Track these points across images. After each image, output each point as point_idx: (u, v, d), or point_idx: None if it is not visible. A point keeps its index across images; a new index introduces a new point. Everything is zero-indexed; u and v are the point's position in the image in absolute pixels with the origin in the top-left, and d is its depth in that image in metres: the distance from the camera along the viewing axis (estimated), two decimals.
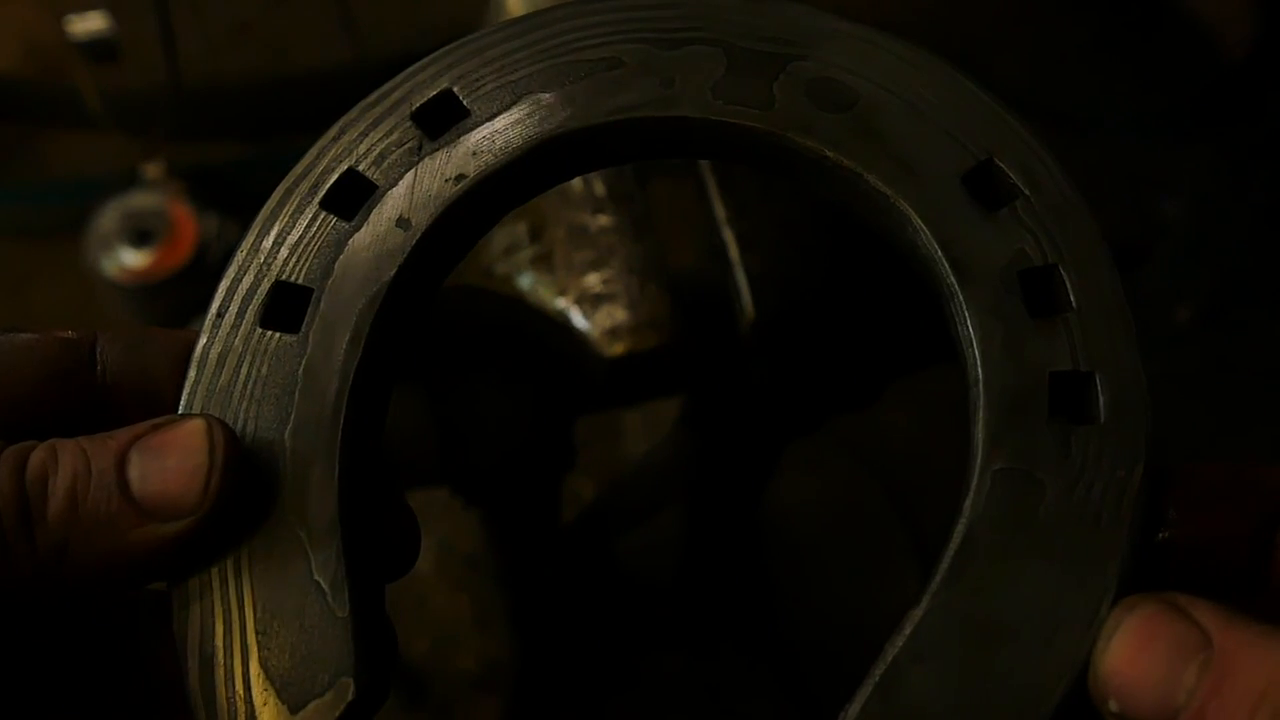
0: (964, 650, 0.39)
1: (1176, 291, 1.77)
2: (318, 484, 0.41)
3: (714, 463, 1.16)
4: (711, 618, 1.46)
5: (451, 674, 1.55)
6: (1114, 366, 0.41)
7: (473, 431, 0.91)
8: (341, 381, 0.42)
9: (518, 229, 0.86)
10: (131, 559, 0.39)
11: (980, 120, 0.44)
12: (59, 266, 1.64)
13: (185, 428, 0.40)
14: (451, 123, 0.45)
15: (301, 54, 1.83)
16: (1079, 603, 0.39)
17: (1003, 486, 0.40)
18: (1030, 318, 0.42)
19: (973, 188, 0.44)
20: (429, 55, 0.47)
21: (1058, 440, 0.41)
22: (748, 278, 0.87)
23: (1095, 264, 0.43)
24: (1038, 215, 0.43)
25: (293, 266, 0.44)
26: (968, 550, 0.40)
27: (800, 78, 0.45)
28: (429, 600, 1.60)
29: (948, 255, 0.43)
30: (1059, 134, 1.89)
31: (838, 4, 0.46)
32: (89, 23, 1.28)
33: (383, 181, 0.45)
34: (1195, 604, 0.37)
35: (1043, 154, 0.44)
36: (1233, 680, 0.35)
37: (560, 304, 0.84)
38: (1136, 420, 0.41)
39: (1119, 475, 0.40)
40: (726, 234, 0.90)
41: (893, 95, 0.44)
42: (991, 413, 0.41)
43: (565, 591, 1.40)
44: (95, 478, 0.38)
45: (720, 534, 1.32)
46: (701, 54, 0.45)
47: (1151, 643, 0.37)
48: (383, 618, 0.44)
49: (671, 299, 0.85)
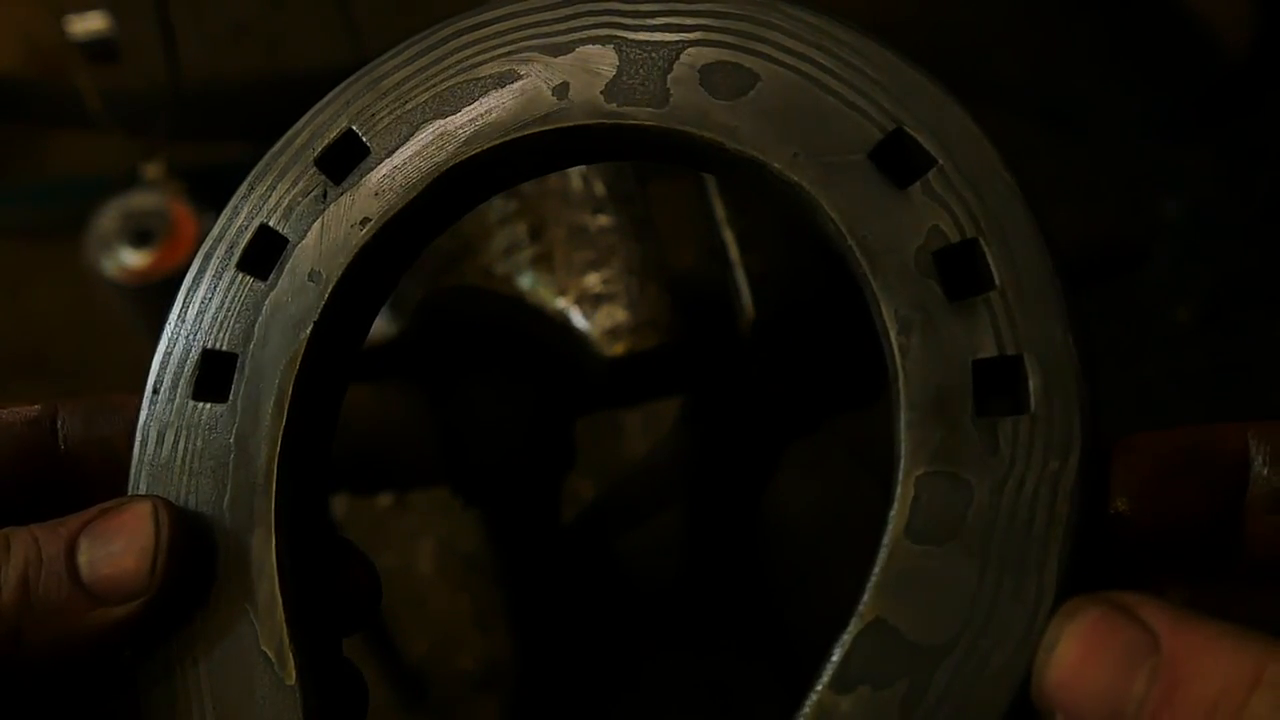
0: (896, 673, 0.36)
1: (1176, 291, 1.77)
2: (257, 554, 0.41)
3: (714, 463, 1.16)
4: (712, 617, 1.46)
5: (451, 674, 1.55)
6: (1044, 346, 0.38)
7: (473, 431, 0.91)
8: (270, 448, 0.42)
9: (518, 229, 0.86)
10: (85, 642, 0.40)
11: (889, 86, 0.41)
12: (59, 266, 1.64)
13: (131, 511, 0.41)
14: (354, 163, 0.44)
15: (301, 54, 1.83)
16: (1015, 612, 0.36)
17: (928, 492, 0.38)
18: (949, 302, 0.39)
19: (882, 163, 0.40)
20: (330, 93, 0.45)
21: (984, 435, 0.38)
22: (748, 278, 0.87)
23: (1018, 233, 0.39)
24: (952, 185, 0.40)
25: (217, 334, 0.44)
26: (894, 565, 0.37)
27: (694, 66, 0.42)
28: (429, 600, 1.60)
29: (857, 241, 0.40)
30: (1059, 134, 1.89)
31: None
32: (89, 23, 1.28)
33: (293, 235, 0.44)
34: (1143, 604, 0.34)
35: (958, 114, 0.40)
36: (1184, 689, 0.32)
37: (560, 304, 0.84)
38: (1068, 403, 0.37)
39: (1052, 467, 0.37)
40: (726, 234, 0.90)
41: (793, 72, 0.41)
42: (912, 412, 0.38)
43: (565, 591, 1.40)
44: (46, 565, 0.40)
45: (720, 534, 1.32)
46: (592, 55, 0.43)
47: (1097, 651, 0.34)
48: (345, 671, 0.45)
49: (671, 299, 0.85)
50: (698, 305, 0.89)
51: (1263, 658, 0.32)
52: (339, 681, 0.44)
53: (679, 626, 1.51)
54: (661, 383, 1.01)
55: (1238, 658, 0.32)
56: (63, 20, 1.29)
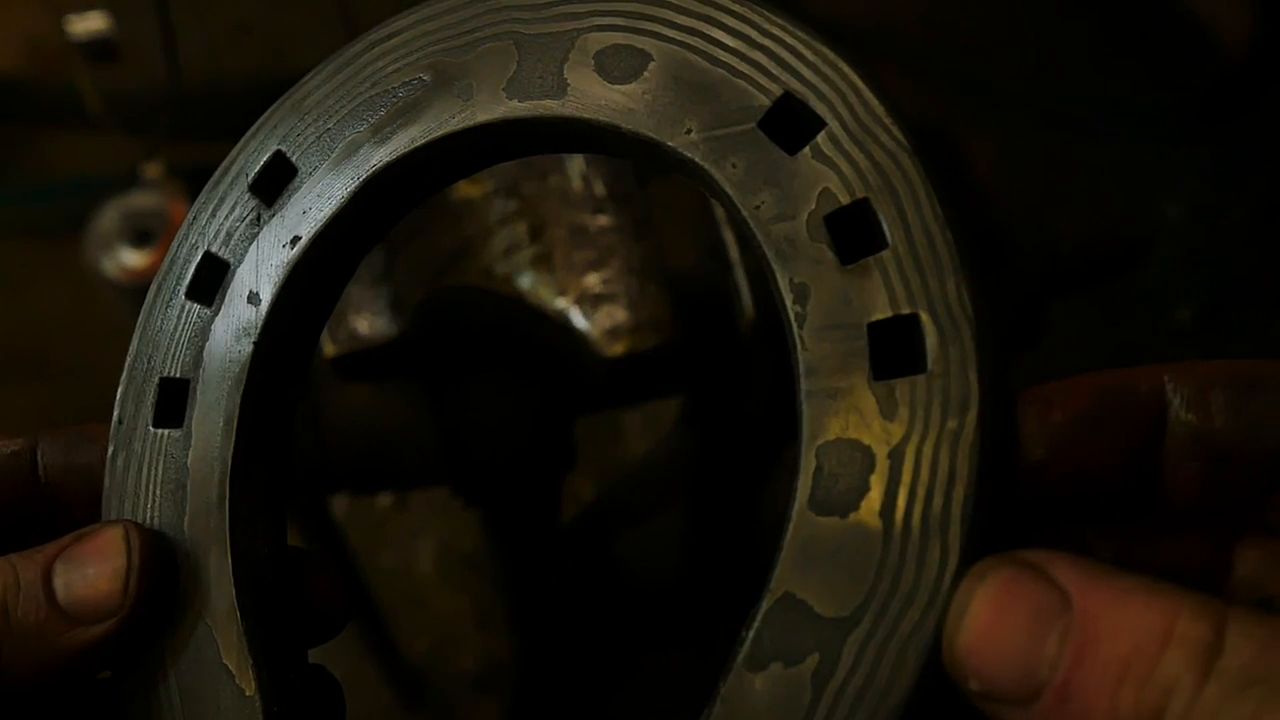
0: (807, 648, 0.36)
1: (1176, 291, 1.77)
2: (214, 571, 0.43)
3: (714, 463, 1.16)
4: (711, 617, 1.46)
5: (451, 674, 1.55)
6: (938, 303, 0.37)
7: (473, 431, 0.91)
8: (222, 467, 0.44)
9: (518, 229, 0.86)
10: (63, 662, 0.41)
11: (776, 51, 0.40)
12: (59, 266, 1.64)
13: (104, 536, 0.43)
14: (284, 185, 0.45)
15: (301, 54, 1.83)
16: (921, 577, 0.35)
17: (830, 461, 0.37)
18: (842, 265, 0.38)
19: (772, 130, 0.40)
20: (260, 117, 0.47)
21: (883, 399, 0.37)
22: (748, 278, 0.87)
23: (907, 190, 0.38)
24: (840, 146, 0.39)
25: (171, 362, 0.45)
26: (800, 537, 0.37)
27: (589, 52, 0.42)
28: (429, 600, 1.60)
29: (749, 212, 0.39)
30: (1059, 134, 1.89)
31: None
32: (89, 23, 1.28)
33: (232, 260, 0.45)
34: (1053, 561, 0.33)
35: (846, 72, 0.39)
36: (1096, 648, 0.32)
37: (560, 304, 0.85)
38: (965, 359, 0.36)
39: (950, 426, 0.36)
40: (726, 234, 0.90)
41: (683, 47, 0.41)
42: (810, 380, 0.38)
43: (565, 591, 1.40)
44: (24, 590, 0.41)
45: (720, 534, 1.32)
46: (493, 52, 0.44)
47: (1007, 612, 0.33)
48: (317, 679, 0.46)
49: (671, 299, 0.85)
50: (698, 305, 0.89)
51: (1173, 612, 0.32)
52: (308, 690, 0.45)
53: (679, 626, 1.51)
54: (661, 383, 1.01)
55: (1148, 614, 0.32)
56: (63, 20, 1.29)
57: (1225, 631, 0.31)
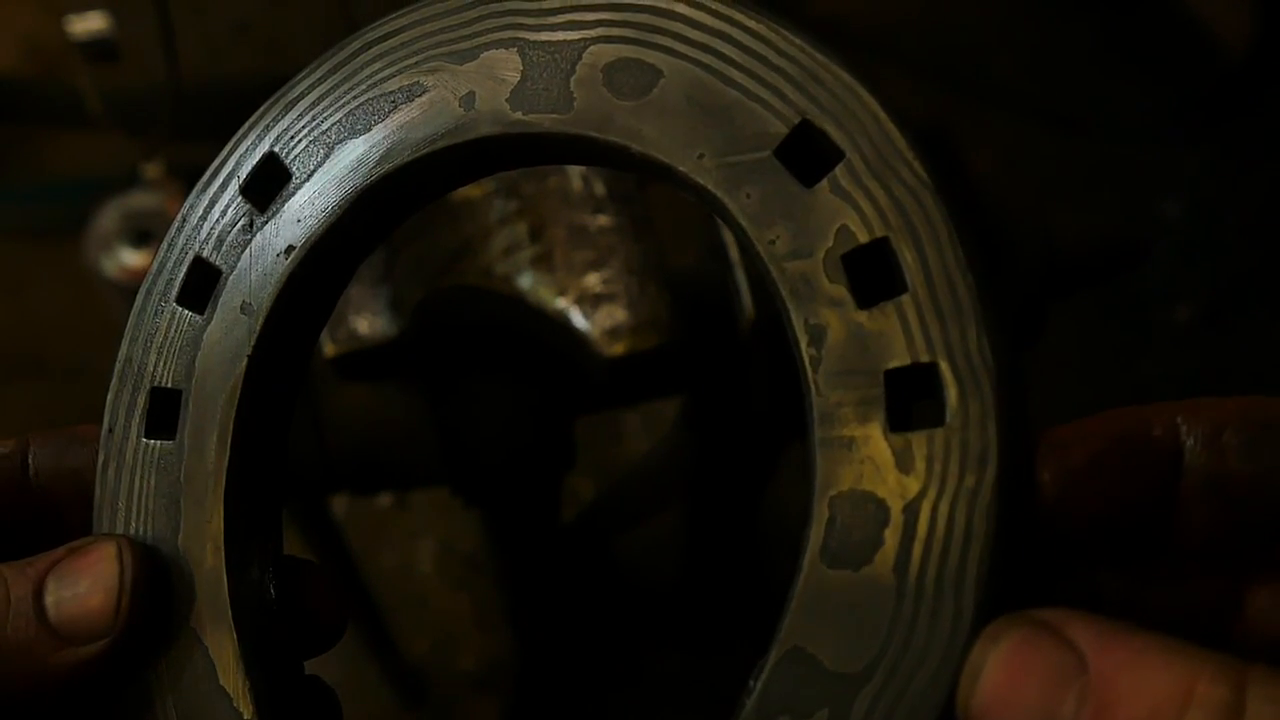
0: (816, 704, 0.35)
1: (1176, 291, 1.77)
2: (210, 589, 0.42)
3: (714, 463, 1.16)
4: (711, 618, 1.46)
5: (451, 674, 1.55)
6: (958, 352, 0.35)
7: (473, 431, 0.91)
8: (216, 482, 0.42)
9: (518, 229, 0.86)
10: (53, 681, 0.40)
11: (794, 74, 0.38)
12: (59, 266, 1.64)
13: (97, 552, 0.41)
14: (278, 189, 0.44)
15: (301, 54, 1.83)
16: (934, 635, 0.34)
17: (843, 513, 0.36)
18: (859, 308, 0.36)
19: (789, 159, 0.38)
20: (251, 116, 0.45)
21: (899, 452, 0.36)
22: (748, 278, 0.87)
23: (928, 230, 0.36)
24: (859, 179, 0.37)
25: (162, 371, 0.44)
26: (810, 590, 0.36)
27: (596, 65, 0.40)
28: (429, 600, 1.60)
29: (764, 247, 0.38)
30: (1059, 134, 1.89)
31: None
32: (89, 23, 1.28)
33: (225, 266, 0.44)
34: (1068, 620, 0.33)
35: (866, 99, 0.38)
36: (1113, 710, 0.31)
37: (560, 304, 0.85)
38: (985, 413, 0.35)
39: (969, 483, 0.35)
40: (726, 234, 0.90)
41: (696, 65, 0.39)
42: (824, 428, 0.36)
43: (565, 591, 1.40)
44: (14, 605, 0.40)
45: (720, 534, 1.32)
46: (496, 60, 0.41)
47: (1022, 674, 0.33)
48: (314, 690, 0.45)
49: (671, 299, 0.85)
50: (698, 305, 0.89)
51: (1192, 674, 0.31)
52: (306, 703, 0.44)
53: (679, 626, 1.51)
54: (661, 383, 1.01)
55: (1167, 675, 0.31)
56: (63, 20, 1.29)
57: (1246, 694, 0.31)
